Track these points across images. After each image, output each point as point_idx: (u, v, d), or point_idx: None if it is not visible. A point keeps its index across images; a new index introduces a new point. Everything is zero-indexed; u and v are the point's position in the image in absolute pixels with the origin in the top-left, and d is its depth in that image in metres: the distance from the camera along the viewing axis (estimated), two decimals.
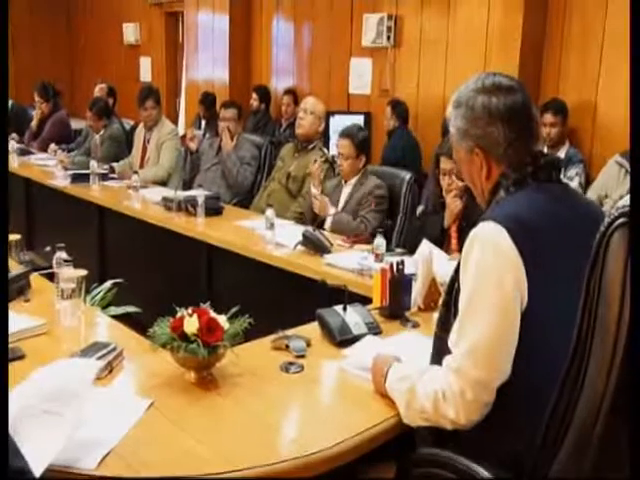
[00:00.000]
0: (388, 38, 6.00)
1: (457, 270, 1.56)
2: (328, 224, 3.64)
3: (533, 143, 1.61)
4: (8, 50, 1.69)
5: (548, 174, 1.59)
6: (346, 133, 3.71)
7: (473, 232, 1.51)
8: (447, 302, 1.61)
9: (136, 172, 4.61)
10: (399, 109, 5.68)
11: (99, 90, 7.29)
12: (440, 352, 1.57)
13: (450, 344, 1.51)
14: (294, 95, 6.82)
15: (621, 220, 1.12)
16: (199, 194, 3.88)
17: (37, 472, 1.28)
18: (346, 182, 3.76)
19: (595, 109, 4.84)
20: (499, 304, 1.44)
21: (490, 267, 1.46)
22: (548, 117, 4.62)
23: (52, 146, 5.83)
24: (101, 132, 5.75)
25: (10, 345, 1.90)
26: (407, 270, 2.34)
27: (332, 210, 3.67)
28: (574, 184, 4.46)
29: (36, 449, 1.33)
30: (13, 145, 5.73)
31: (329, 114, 5.53)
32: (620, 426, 1.14)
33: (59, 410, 1.42)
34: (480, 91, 1.60)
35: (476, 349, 1.45)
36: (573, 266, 1.41)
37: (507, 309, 1.44)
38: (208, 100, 7.08)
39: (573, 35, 4.92)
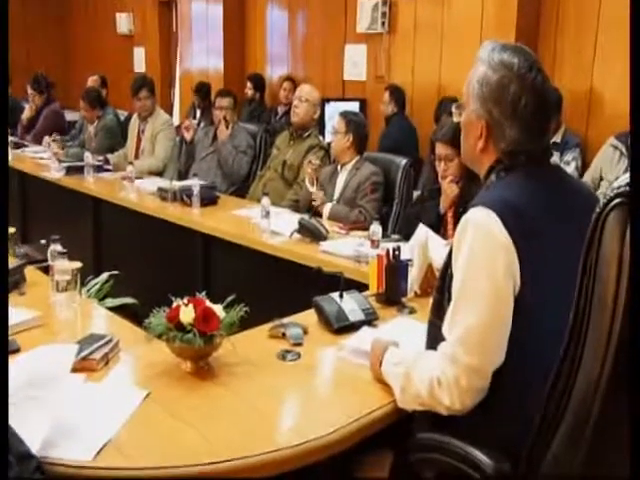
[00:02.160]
0: (383, 24, 5.97)
1: (450, 256, 1.55)
2: (326, 214, 3.63)
3: (536, 142, 1.57)
4: (8, 46, 1.66)
5: (539, 159, 1.58)
6: (341, 112, 3.90)
7: (464, 218, 1.50)
8: (440, 288, 1.60)
9: (131, 163, 4.59)
10: (397, 94, 5.66)
11: (92, 81, 7.28)
12: (434, 338, 1.56)
13: (444, 330, 1.51)
14: (294, 81, 6.79)
15: (617, 201, 1.12)
16: (194, 184, 3.87)
17: None
18: (341, 168, 3.76)
19: (590, 93, 4.82)
20: (491, 289, 1.43)
21: (481, 252, 1.45)
22: None
23: (47, 138, 5.79)
24: (95, 123, 5.72)
25: None
26: (403, 256, 2.34)
27: (327, 206, 3.65)
28: (571, 168, 4.45)
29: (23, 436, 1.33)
30: None
31: (324, 101, 5.51)
32: (617, 408, 1.14)
33: (38, 394, 1.41)
34: (517, 77, 1.52)
35: (469, 335, 1.44)
36: (565, 249, 1.40)
37: (499, 294, 1.43)
38: (203, 90, 7.06)
39: (568, 20, 4.90)
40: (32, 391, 1.42)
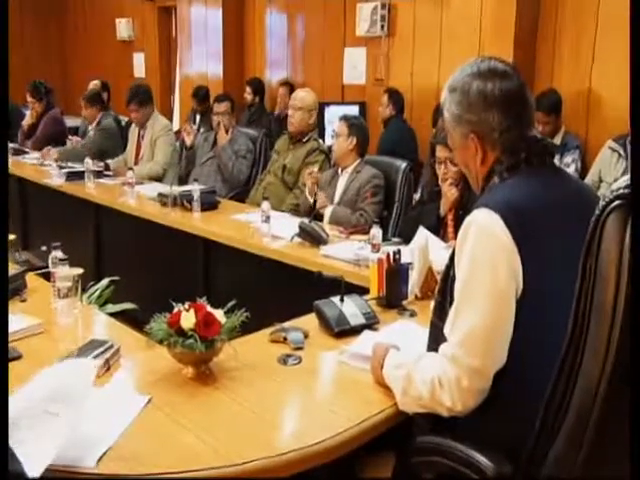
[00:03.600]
0: (382, 27, 5.98)
1: (452, 258, 1.55)
2: (326, 219, 3.62)
3: (528, 128, 1.60)
4: (8, 49, 1.66)
5: (541, 159, 1.59)
6: (342, 116, 3.89)
7: (467, 220, 1.50)
8: (442, 290, 1.60)
9: (131, 168, 4.59)
10: (396, 97, 5.67)
11: (93, 86, 7.30)
12: (436, 340, 1.56)
13: (446, 332, 1.51)
14: (290, 87, 6.79)
15: (616, 203, 1.12)
16: (194, 189, 3.87)
17: (37, 472, 1.27)
18: (342, 171, 3.76)
19: (589, 95, 4.83)
20: (493, 291, 1.43)
21: (484, 254, 1.45)
22: (540, 116, 4.51)
23: (45, 150, 5.76)
24: (94, 125, 5.75)
25: None
26: (404, 259, 2.33)
27: (328, 209, 3.66)
28: (571, 170, 4.45)
29: (36, 449, 1.32)
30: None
31: (323, 105, 5.51)
32: (617, 411, 1.14)
33: (59, 411, 1.41)
34: (475, 76, 1.58)
35: (471, 337, 1.44)
36: (568, 250, 1.40)
37: (502, 296, 1.43)
38: (200, 94, 7.07)
39: (566, 21, 4.91)
40: (52, 406, 1.41)
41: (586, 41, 4.79)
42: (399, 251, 2.34)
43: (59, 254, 2.30)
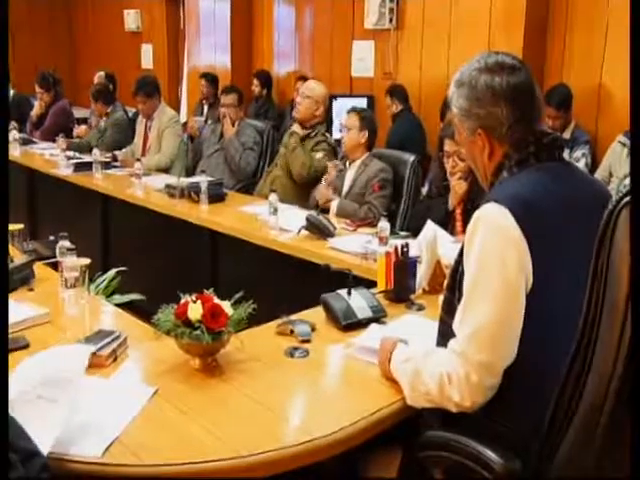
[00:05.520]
0: (390, 20, 5.95)
1: (461, 253, 1.54)
2: (333, 211, 3.61)
3: (536, 122, 1.59)
4: (8, 41, 1.66)
5: (551, 153, 1.57)
6: (352, 108, 3.86)
7: (476, 214, 1.49)
8: (451, 285, 1.59)
9: (139, 159, 4.59)
10: (398, 94, 5.65)
11: (97, 78, 7.31)
12: (445, 336, 1.55)
13: (454, 327, 1.50)
14: (306, 80, 6.76)
15: (628, 198, 1.11)
16: (202, 180, 3.87)
17: None
18: (350, 164, 3.75)
19: (600, 90, 4.79)
20: (503, 286, 1.42)
21: (493, 249, 1.44)
22: (550, 111, 4.47)
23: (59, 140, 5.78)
24: (104, 119, 5.78)
25: (14, 334, 1.91)
26: (412, 253, 2.33)
27: (335, 200, 3.65)
28: (580, 165, 4.42)
29: (33, 435, 1.32)
30: (15, 135, 5.71)
31: (331, 97, 5.49)
32: (627, 410, 1.13)
33: (53, 396, 1.41)
34: (483, 70, 1.58)
35: (480, 332, 1.43)
36: (578, 245, 1.39)
37: (511, 291, 1.42)
38: (209, 76, 7.11)
39: (577, 16, 4.87)
40: (46, 391, 1.42)
41: (597, 35, 4.76)
42: (407, 245, 2.33)
43: (67, 244, 2.30)
